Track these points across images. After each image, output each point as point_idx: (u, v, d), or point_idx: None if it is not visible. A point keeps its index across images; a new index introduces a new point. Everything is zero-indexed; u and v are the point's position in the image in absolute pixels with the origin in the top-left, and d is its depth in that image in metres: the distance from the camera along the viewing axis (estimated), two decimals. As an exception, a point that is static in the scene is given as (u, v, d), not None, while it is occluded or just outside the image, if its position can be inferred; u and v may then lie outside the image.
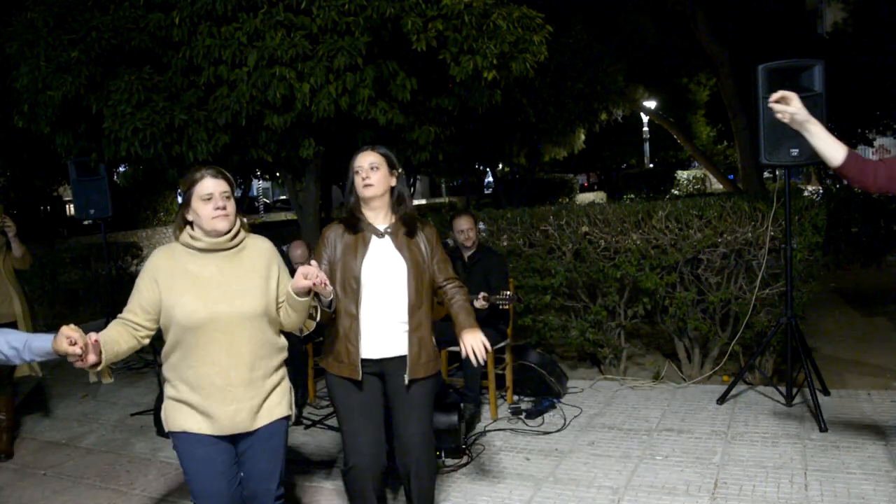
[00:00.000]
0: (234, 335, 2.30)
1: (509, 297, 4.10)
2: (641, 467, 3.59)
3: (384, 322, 2.66)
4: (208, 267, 2.33)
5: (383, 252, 2.68)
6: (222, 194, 2.32)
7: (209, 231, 2.32)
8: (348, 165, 2.74)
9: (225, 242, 2.35)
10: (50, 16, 4.90)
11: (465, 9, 4.63)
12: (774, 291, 4.48)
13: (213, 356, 2.29)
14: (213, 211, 2.30)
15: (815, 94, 4.03)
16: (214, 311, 2.28)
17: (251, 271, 2.38)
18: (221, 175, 2.35)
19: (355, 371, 2.65)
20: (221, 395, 2.30)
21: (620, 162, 25.41)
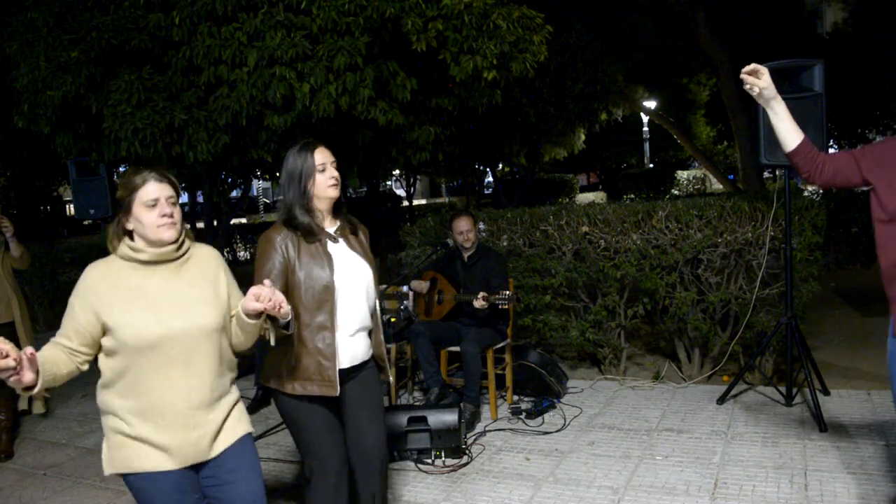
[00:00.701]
0: (192, 352, 2.07)
1: (508, 296, 4.11)
2: (641, 467, 3.59)
3: (353, 330, 2.53)
4: (153, 281, 2.07)
5: (345, 257, 2.54)
6: (168, 200, 2.07)
7: (154, 241, 2.07)
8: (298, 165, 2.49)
9: (171, 253, 2.10)
10: (50, 16, 4.90)
11: (465, 9, 4.63)
12: (774, 291, 4.48)
13: (171, 379, 2.04)
14: (159, 218, 2.05)
15: (815, 94, 4.03)
16: (169, 328, 2.03)
17: (200, 281, 2.15)
18: (166, 179, 2.11)
19: (332, 387, 2.44)
20: (182, 422, 2.06)
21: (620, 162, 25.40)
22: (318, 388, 2.44)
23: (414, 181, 17.34)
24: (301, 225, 2.45)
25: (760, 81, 2.51)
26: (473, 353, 4.30)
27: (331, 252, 2.49)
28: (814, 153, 2.54)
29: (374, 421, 2.63)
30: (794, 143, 2.54)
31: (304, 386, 2.43)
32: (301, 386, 2.43)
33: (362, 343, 2.58)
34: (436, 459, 3.84)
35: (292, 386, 2.44)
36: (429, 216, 5.88)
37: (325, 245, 2.49)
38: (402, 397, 5.00)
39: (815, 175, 2.55)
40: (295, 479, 3.78)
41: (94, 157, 5.51)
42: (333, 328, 2.45)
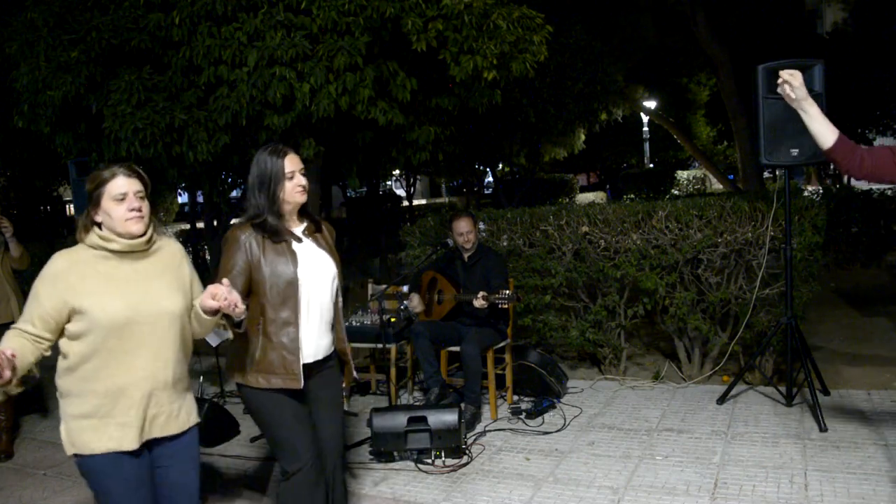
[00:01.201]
0: (160, 336, 2.16)
1: (508, 296, 4.11)
2: (641, 467, 3.59)
3: (317, 325, 2.61)
4: (122, 269, 2.16)
5: (310, 255, 2.61)
6: (136, 194, 2.14)
7: (122, 234, 2.15)
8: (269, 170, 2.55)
9: (141, 245, 2.19)
10: (50, 16, 4.90)
11: (465, 9, 4.63)
12: (774, 291, 4.48)
13: (140, 360, 2.13)
14: (128, 212, 2.12)
15: (815, 94, 3.99)
16: (139, 311, 2.12)
17: (166, 271, 2.25)
18: (135, 173, 2.17)
19: (296, 380, 2.52)
20: (145, 402, 2.15)
21: (620, 162, 25.39)
22: (283, 381, 2.51)
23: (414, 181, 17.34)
24: (269, 227, 2.53)
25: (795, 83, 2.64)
26: (473, 353, 4.29)
27: (295, 250, 2.56)
28: (851, 147, 2.59)
29: (333, 417, 2.73)
30: (830, 140, 2.61)
31: (269, 379, 2.51)
32: (265, 379, 2.51)
33: (326, 338, 2.66)
34: (436, 459, 3.84)
35: (256, 379, 2.51)
36: (429, 216, 5.88)
37: (289, 244, 2.56)
38: (402, 397, 5.00)
39: (854, 170, 2.61)
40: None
41: (94, 157, 5.50)
42: (297, 323, 2.52)
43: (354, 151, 6.36)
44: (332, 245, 2.73)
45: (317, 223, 2.72)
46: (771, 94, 4.10)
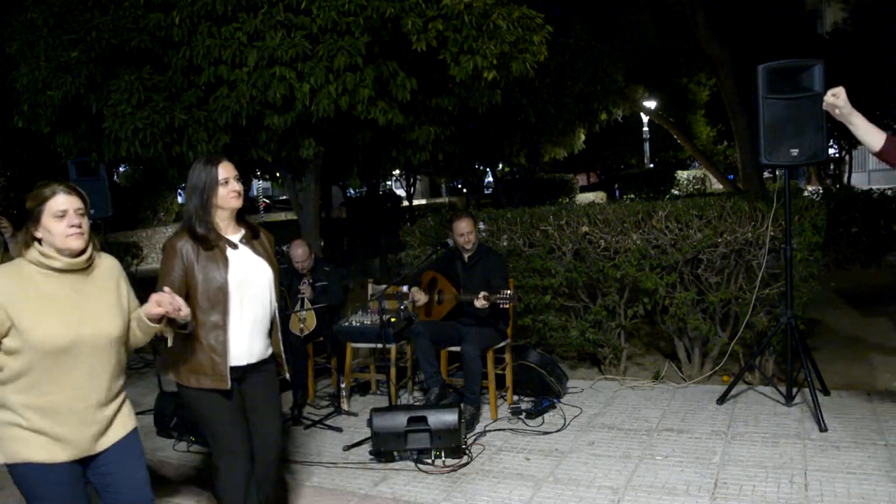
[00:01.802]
0: (96, 358, 2.22)
1: (510, 296, 4.10)
2: (641, 467, 3.59)
3: (249, 329, 2.69)
4: (63, 288, 2.19)
5: (245, 261, 2.68)
6: (77, 211, 2.19)
7: (62, 250, 2.18)
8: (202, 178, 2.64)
9: (82, 263, 2.23)
10: (50, 16, 4.90)
11: (465, 9, 4.64)
12: (774, 291, 4.48)
13: (74, 381, 2.17)
14: (68, 229, 2.17)
15: (815, 94, 4.03)
16: (79, 335, 2.16)
17: (105, 291, 2.29)
18: (75, 191, 2.23)
19: (223, 381, 2.62)
20: (79, 419, 2.20)
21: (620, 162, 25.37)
22: (211, 381, 2.62)
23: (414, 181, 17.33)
24: (198, 235, 2.61)
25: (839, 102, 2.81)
26: (474, 353, 4.29)
27: (228, 256, 2.64)
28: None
29: (269, 417, 2.82)
30: (878, 144, 2.81)
31: (199, 380, 2.62)
32: (196, 379, 2.62)
33: (260, 342, 2.74)
34: (436, 459, 3.84)
35: (188, 378, 2.63)
36: (429, 216, 5.88)
37: (223, 250, 2.65)
38: (402, 397, 5.00)
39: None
40: (294, 479, 3.78)
41: (94, 157, 5.51)
42: (226, 327, 2.61)
43: (354, 151, 6.37)
44: (269, 252, 2.82)
45: (255, 230, 2.81)
46: (771, 94, 4.10)
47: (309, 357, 5.06)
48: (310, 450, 4.19)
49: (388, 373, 4.64)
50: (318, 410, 4.88)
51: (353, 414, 4.75)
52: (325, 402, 5.05)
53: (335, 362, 5.14)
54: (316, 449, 4.20)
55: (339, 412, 4.76)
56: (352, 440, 4.22)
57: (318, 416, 4.67)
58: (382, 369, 4.97)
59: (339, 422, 4.60)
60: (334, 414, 4.74)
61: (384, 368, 4.77)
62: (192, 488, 3.76)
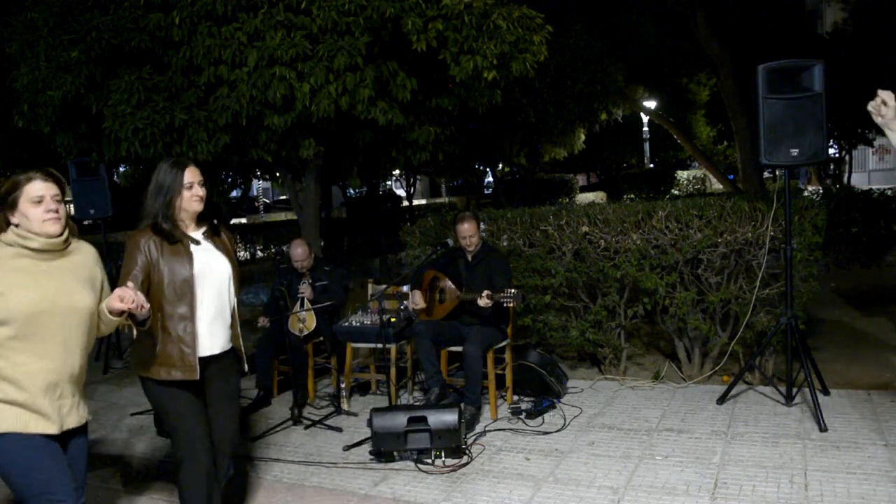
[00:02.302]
0: (71, 329, 2.29)
1: (514, 294, 4.09)
2: (641, 467, 3.59)
3: (210, 320, 2.80)
4: (38, 265, 2.28)
5: (206, 257, 2.81)
6: (53, 197, 2.27)
7: (39, 234, 2.27)
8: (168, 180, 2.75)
9: (58, 244, 2.31)
10: (50, 16, 4.90)
11: (465, 9, 4.63)
12: (774, 291, 4.48)
13: (50, 352, 2.25)
14: (45, 213, 2.25)
15: (815, 94, 4.03)
16: (55, 304, 2.24)
17: (80, 270, 2.39)
18: (52, 177, 2.30)
19: (192, 372, 2.72)
20: (53, 393, 2.26)
21: (620, 162, 25.37)
22: (181, 373, 2.71)
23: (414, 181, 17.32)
24: (164, 231, 2.75)
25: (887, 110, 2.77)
26: (476, 353, 4.29)
27: (192, 252, 2.78)
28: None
29: (227, 408, 2.94)
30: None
31: (169, 372, 2.71)
32: (165, 372, 2.71)
33: (221, 335, 2.86)
34: (436, 459, 3.84)
35: (157, 372, 2.71)
36: (429, 216, 5.87)
37: (186, 246, 2.78)
38: (402, 397, 5.00)
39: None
40: (294, 479, 3.78)
41: (94, 157, 5.51)
42: (193, 318, 2.73)
43: (354, 151, 6.37)
44: (229, 249, 2.96)
45: (215, 228, 2.94)
46: (771, 94, 4.10)
47: (309, 357, 5.06)
48: (310, 450, 4.19)
49: (388, 373, 4.64)
50: (318, 410, 4.88)
51: (353, 414, 4.75)
52: (325, 402, 5.05)
53: (335, 362, 5.14)
54: (316, 449, 4.20)
55: (339, 412, 4.76)
56: (352, 440, 4.22)
57: (318, 416, 4.67)
58: (382, 369, 4.97)
59: (339, 422, 4.60)
60: (334, 414, 4.74)
61: (384, 368, 4.77)
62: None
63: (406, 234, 5.83)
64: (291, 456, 4.10)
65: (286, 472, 3.87)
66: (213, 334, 2.82)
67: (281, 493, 3.64)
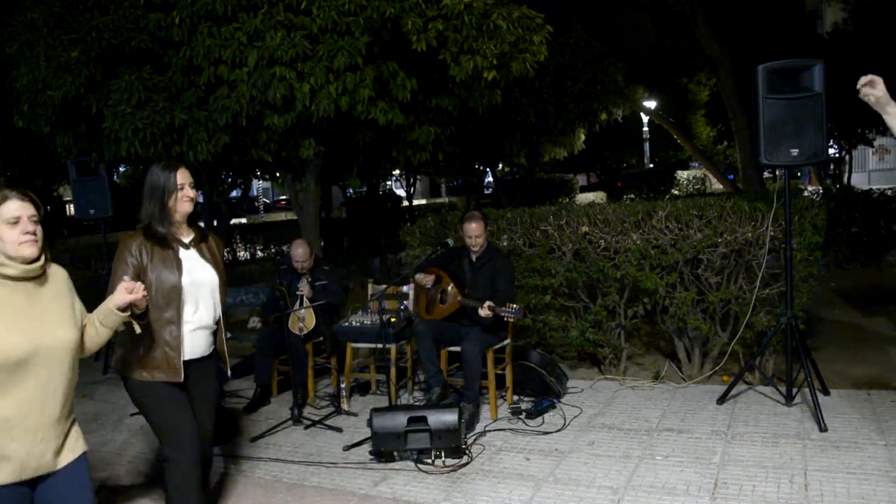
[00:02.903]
0: (52, 369, 2.11)
1: (515, 310, 4.08)
2: (641, 467, 3.59)
3: (194, 326, 2.86)
4: (16, 295, 2.09)
5: (194, 262, 2.88)
6: (30, 218, 2.12)
7: (14, 257, 2.09)
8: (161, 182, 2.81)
9: (37, 270, 2.14)
10: (50, 16, 4.90)
11: (465, 9, 4.63)
12: (774, 291, 4.48)
13: (29, 394, 2.06)
14: (21, 235, 2.08)
15: (815, 94, 4.03)
16: (37, 344, 2.06)
17: (59, 299, 2.22)
18: (28, 197, 2.15)
19: (177, 374, 2.79)
20: (32, 436, 2.07)
21: (620, 162, 25.37)
22: (165, 374, 2.79)
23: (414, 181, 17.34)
24: (157, 235, 2.80)
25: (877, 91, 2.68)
26: (474, 352, 4.29)
27: (181, 258, 2.84)
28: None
29: (205, 409, 3.01)
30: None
31: (152, 373, 2.78)
32: (149, 373, 2.78)
33: (203, 340, 2.92)
34: (436, 459, 3.84)
35: (140, 373, 2.78)
36: (429, 216, 5.87)
37: (176, 252, 2.84)
38: (402, 397, 5.00)
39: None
40: (294, 479, 3.78)
41: (94, 157, 5.51)
42: (179, 323, 2.80)
43: (354, 151, 6.37)
44: (217, 256, 3.01)
45: (204, 234, 3.01)
46: (771, 94, 4.10)
47: (309, 357, 5.06)
48: (310, 450, 4.19)
49: (388, 373, 4.64)
50: (318, 410, 4.88)
51: (353, 414, 4.75)
52: (325, 402, 5.05)
53: (335, 362, 5.14)
54: (316, 449, 4.20)
55: (339, 412, 4.76)
56: (352, 440, 4.22)
57: (318, 416, 4.67)
58: (382, 369, 4.97)
59: (339, 422, 4.60)
60: (334, 414, 4.74)
61: (384, 368, 4.77)
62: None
63: (406, 234, 5.83)
64: (291, 456, 4.10)
65: (286, 472, 3.87)
66: (196, 339, 2.88)
67: (281, 493, 3.64)
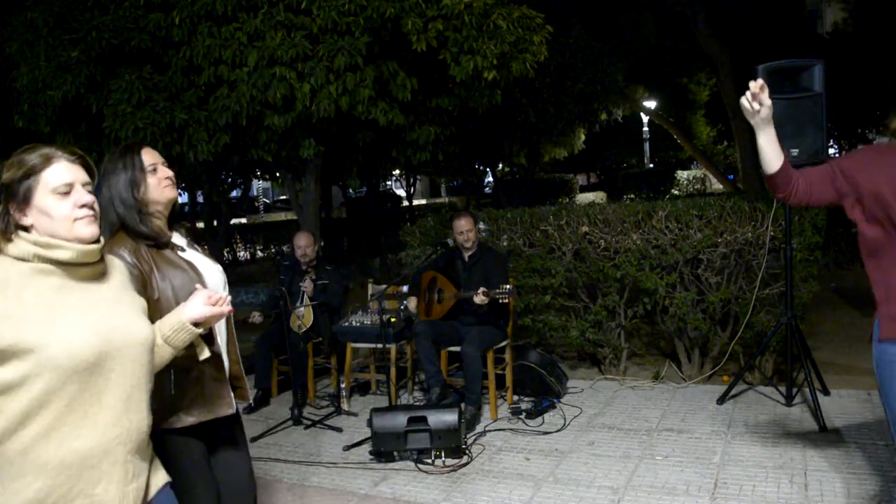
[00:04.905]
0: (130, 376, 1.55)
1: (509, 290, 4.12)
2: (641, 467, 3.59)
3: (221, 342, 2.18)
4: (71, 287, 1.53)
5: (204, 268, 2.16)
6: (84, 186, 1.55)
7: (69, 239, 1.52)
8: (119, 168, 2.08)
9: (96, 253, 1.57)
10: (50, 16, 4.91)
11: (465, 9, 4.64)
12: (774, 291, 4.48)
13: (109, 412, 1.50)
14: (76, 210, 1.51)
15: (815, 94, 4.03)
16: (109, 340, 1.50)
17: (123, 289, 1.67)
18: (80, 159, 1.58)
19: (230, 403, 2.11)
20: (121, 472, 1.51)
21: (620, 162, 25.37)
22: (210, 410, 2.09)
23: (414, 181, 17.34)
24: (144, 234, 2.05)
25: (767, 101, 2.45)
26: (474, 353, 4.29)
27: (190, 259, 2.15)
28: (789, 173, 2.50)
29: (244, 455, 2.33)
30: (777, 165, 2.49)
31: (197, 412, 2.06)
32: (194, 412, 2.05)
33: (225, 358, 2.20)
34: (436, 459, 3.84)
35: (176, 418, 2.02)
36: (429, 216, 5.88)
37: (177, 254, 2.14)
38: (402, 397, 5.00)
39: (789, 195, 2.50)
40: (294, 479, 3.78)
41: (94, 157, 5.49)
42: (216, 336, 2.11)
43: (354, 151, 6.38)
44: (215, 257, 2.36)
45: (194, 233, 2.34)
46: (771, 94, 4.06)
47: (309, 357, 5.06)
48: (310, 450, 4.19)
49: (388, 373, 4.64)
50: (318, 410, 4.88)
51: (353, 414, 4.75)
52: (325, 402, 5.05)
53: (335, 362, 5.14)
54: (316, 449, 4.20)
55: (339, 412, 4.76)
56: (352, 440, 4.22)
57: (318, 416, 4.67)
58: (382, 369, 4.97)
59: (339, 422, 4.60)
60: (334, 414, 4.74)
61: (384, 368, 4.77)
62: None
63: (406, 234, 5.84)
64: (291, 456, 4.10)
65: (286, 472, 3.87)
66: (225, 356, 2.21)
67: (281, 493, 3.64)
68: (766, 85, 2.41)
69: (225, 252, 12.59)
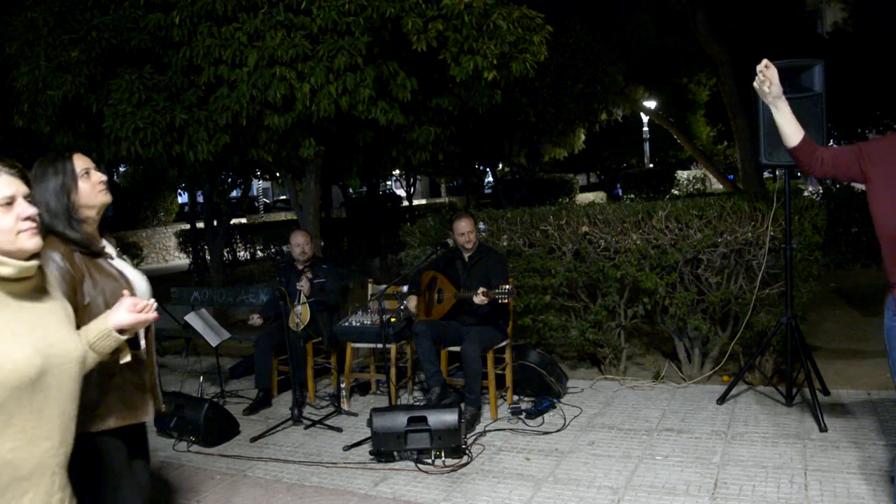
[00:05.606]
0: (64, 391, 1.56)
1: (508, 290, 4.12)
2: (641, 467, 3.59)
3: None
4: (10, 302, 1.52)
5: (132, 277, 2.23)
6: (27, 198, 1.55)
7: (11, 252, 1.51)
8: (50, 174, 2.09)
9: (34, 268, 1.57)
10: (50, 16, 4.91)
11: (465, 9, 4.64)
12: (774, 291, 4.48)
13: (46, 425, 1.50)
14: (20, 222, 1.52)
15: (815, 94, 4.03)
16: (49, 357, 1.50)
17: (54, 300, 1.67)
18: (18, 171, 1.56)
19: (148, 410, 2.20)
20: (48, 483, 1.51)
21: (620, 162, 25.38)
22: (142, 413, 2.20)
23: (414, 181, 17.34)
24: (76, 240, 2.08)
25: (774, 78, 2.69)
26: (474, 353, 4.29)
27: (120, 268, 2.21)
28: (812, 147, 2.75)
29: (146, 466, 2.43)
30: (797, 139, 2.74)
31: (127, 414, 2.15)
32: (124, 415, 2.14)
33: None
34: (436, 459, 3.84)
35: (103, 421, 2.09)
36: (429, 216, 5.88)
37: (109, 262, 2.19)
38: (402, 397, 5.00)
39: (815, 168, 2.76)
40: (294, 479, 3.78)
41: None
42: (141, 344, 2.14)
43: (354, 151, 6.38)
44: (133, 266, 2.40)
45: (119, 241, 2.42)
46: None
47: (308, 356, 5.06)
48: (310, 450, 4.19)
49: (388, 373, 4.64)
50: (318, 410, 4.88)
51: (353, 414, 4.75)
52: (325, 402, 5.05)
53: (335, 362, 5.14)
54: (316, 449, 4.20)
55: (339, 412, 4.77)
56: (352, 440, 4.22)
57: (318, 416, 4.67)
58: (382, 369, 4.97)
59: (339, 422, 4.60)
60: (334, 414, 4.74)
61: (384, 368, 4.77)
62: (192, 488, 3.76)
63: (406, 234, 5.84)
64: (291, 456, 4.10)
65: (286, 472, 3.87)
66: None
67: (281, 493, 3.64)
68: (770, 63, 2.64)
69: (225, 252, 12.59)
